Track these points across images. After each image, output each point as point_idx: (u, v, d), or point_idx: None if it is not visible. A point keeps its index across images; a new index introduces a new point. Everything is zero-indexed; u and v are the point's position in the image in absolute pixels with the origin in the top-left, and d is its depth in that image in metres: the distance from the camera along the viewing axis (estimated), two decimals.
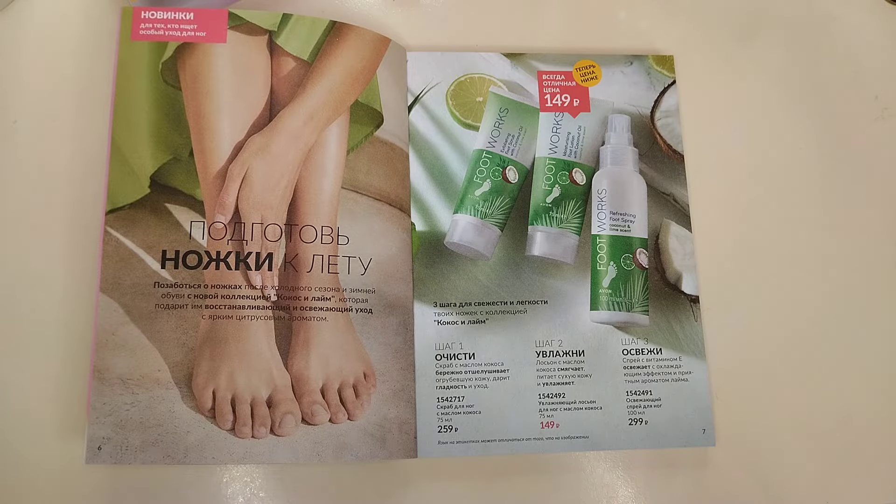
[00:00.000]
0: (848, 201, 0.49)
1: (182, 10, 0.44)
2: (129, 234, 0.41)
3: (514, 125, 0.47)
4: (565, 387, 0.44)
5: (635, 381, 0.44)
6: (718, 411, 0.44)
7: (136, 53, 0.43)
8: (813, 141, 0.49)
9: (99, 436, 0.38)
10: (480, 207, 0.46)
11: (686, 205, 0.47)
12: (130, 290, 0.40)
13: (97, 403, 0.38)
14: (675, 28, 0.51)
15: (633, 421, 0.43)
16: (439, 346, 0.44)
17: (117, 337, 0.40)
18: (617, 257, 0.45)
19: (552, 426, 0.43)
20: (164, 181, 0.42)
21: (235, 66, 0.43)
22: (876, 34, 0.52)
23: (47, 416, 0.41)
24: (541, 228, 0.46)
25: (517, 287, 0.45)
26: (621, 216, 0.46)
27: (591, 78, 0.48)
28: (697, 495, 0.43)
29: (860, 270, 0.48)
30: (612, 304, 0.45)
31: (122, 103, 0.42)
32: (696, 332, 0.45)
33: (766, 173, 0.49)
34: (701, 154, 0.48)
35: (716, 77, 0.50)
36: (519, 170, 0.47)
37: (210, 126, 0.42)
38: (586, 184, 0.47)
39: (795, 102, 0.50)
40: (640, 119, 0.48)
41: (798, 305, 0.47)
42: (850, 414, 0.45)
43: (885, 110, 0.50)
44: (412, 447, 0.41)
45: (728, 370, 0.45)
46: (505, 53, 0.49)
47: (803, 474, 0.44)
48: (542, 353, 0.44)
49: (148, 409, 0.39)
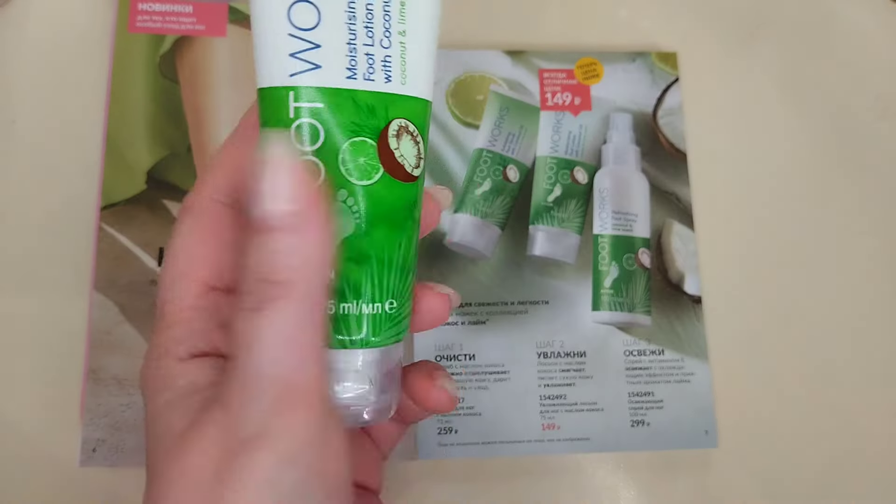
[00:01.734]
0: (850, 200, 0.49)
1: (181, 3, 0.43)
2: (124, 230, 0.40)
3: (514, 124, 0.47)
4: (567, 388, 0.43)
5: (637, 383, 0.44)
6: (721, 413, 0.44)
7: (133, 46, 0.43)
8: (815, 139, 0.49)
9: (93, 438, 0.37)
10: (481, 207, 0.45)
11: (689, 204, 0.47)
12: (126, 289, 0.40)
13: (91, 405, 0.38)
14: (678, 25, 0.51)
15: (635, 422, 0.43)
16: (439, 346, 0.43)
17: (112, 336, 0.39)
18: (619, 257, 0.45)
19: (553, 428, 0.42)
20: (161, 177, 0.41)
21: (235, 61, 0.43)
22: (878, 33, 0.52)
23: (40, 418, 0.40)
24: (542, 228, 0.45)
25: (518, 287, 0.44)
26: (623, 215, 0.45)
27: (593, 76, 0.48)
28: (700, 497, 0.43)
29: (862, 270, 0.48)
30: (613, 305, 0.44)
31: (117, 96, 0.42)
32: (698, 332, 0.45)
33: (768, 172, 0.49)
34: (704, 152, 0.48)
35: (719, 75, 0.50)
36: (520, 169, 0.46)
37: (208, 121, 0.42)
38: (588, 183, 0.46)
39: (798, 101, 0.50)
40: (642, 117, 0.48)
41: (801, 306, 0.47)
42: (853, 415, 0.45)
43: (887, 110, 0.50)
44: (412, 449, 0.41)
45: (731, 371, 0.45)
46: (505, 51, 0.48)
47: (806, 476, 0.44)
48: (543, 354, 0.44)
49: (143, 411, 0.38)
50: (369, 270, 0.23)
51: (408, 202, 0.23)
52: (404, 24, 0.23)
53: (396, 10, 0.23)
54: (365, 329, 0.23)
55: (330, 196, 0.22)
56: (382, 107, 0.22)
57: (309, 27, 0.22)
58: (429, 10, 0.24)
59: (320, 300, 0.20)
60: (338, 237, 0.22)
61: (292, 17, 0.22)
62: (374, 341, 0.23)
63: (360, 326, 0.23)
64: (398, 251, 0.23)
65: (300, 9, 0.22)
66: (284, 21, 0.22)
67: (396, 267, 0.23)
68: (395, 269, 0.23)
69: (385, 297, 0.23)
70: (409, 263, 0.24)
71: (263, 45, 0.22)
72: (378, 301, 0.23)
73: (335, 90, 0.22)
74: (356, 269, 0.22)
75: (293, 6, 0.22)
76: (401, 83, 0.23)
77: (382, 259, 0.23)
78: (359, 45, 0.22)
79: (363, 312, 0.23)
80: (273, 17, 0.22)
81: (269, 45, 0.22)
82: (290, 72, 0.22)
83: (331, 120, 0.22)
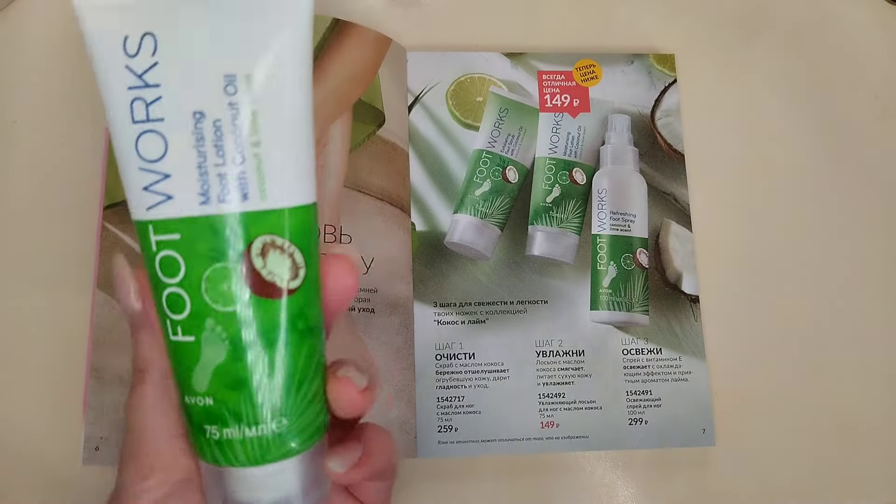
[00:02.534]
0: (848, 201, 0.49)
1: None
2: (127, 229, 0.41)
3: (514, 125, 0.47)
4: (565, 387, 0.43)
5: (635, 381, 0.44)
6: (718, 411, 0.44)
7: None
8: (813, 140, 0.50)
9: (96, 436, 0.38)
10: (480, 207, 0.45)
11: (686, 204, 0.47)
12: None
13: (94, 403, 0.38)
14: (676, 27, 0.51)
15: (633, 421, 0.43)
16: (439, 345, 0.43)
17: (115, 335, 0.39)
18: (617, 257, 0.45)
19: (552, 426, 0.43)
20: None
21: None
22: (876, 34, 0.52)
23: (42, 416, 0.40)
24: (541, 228, 0.46)
25: (517, 287, 0.45)
26: (622, 216, 0.46)
27: (592, 77, 0.49)
28: (697, 495, 0.43)
29: (860, 270, 0.48)
30: (612, 304, 0.45)
31: None
32: (696, 331, 0.45)
33: (766, 173, 0.49)
34: (702, 153, 0.48)
35: (717, 76, 0.50)
36: (519, 170, 0.47)
37: None
38: (586, 183, 0.47)
39: (796, 102, 0.50)
40: (640, 118, 0.48)
41: (798, 305, 0.47)
42: (851, 413, 0.45)
43: (885, 110, 0.51)
44: (412, 447, 0.41)
45: (728, 370, 0.45)
46: (505, 53, 0.49)
47: (803, 474, 0.44)
48: (542, 353, 0.44)
49: None
50: (247, 394, 0.22)
51: (289, 315, 0.22)
52: (257, 134, 0.21)
53: (247, 123, 0.21)
54: (253, 451, 0.22)
55: (197, 325, 0.22)
56: (242, 227, 0.21)
57: (156, 158, 0.21)
58: (290, 115, 0.22)
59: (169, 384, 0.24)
60: (210, 365, 0.22)
61: (140, 149, 0.21)
62: (269, 458, 0.22)
63: (246, 449, 0.22)
64: (280, 369, 0.22)
65: (146, 140, 0.21)
66: (133, 155, 0.21)
67: (281, 385, 0.22)
68: (280, 387, 0.22)
69: (273, 417, 0.22)
70: (301, 375, 0.23)
71: (123, 179, 0.22)
72: (262, 423, 0.22)
73: (190, 219, 0.21)
74: (233, 394, 0.22)
75: (139, 138, 0.21)
76: (260, 199, 0.21)
77: (261, 381, 0.22)
78: (210, 168, 0.21)
79: (247, 436, 0.22)
80: (123, 151, 0.21)
81: (126, 179, 0.21)
82: (147, 205, 0.21)
83: (189, 250, 0.21)
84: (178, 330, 0.22)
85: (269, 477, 0.23)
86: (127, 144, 0.21)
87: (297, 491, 0.23)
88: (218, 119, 0.21)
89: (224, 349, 0.22)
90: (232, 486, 0.23)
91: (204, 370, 0.22)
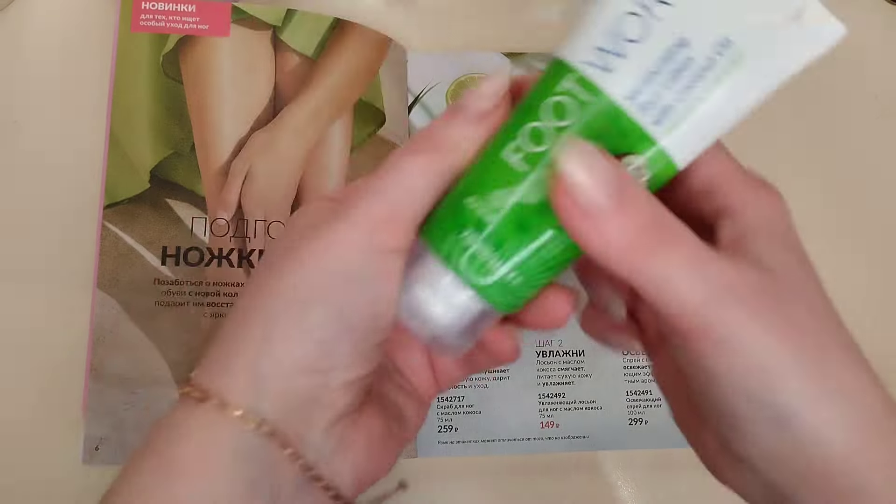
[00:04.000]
0: (848, 201, 0.49)
1: (184, 2, 0.43)
2: (127, 229, 0.40)
3: None
4: (565, 387, 0.43)
5: (635, 381, 0.44)
6: None
7: (136, 45, 0.43)
8: (813, 140, 0.50)
9: (96, 436, 0.37)
10: None
11: None
12: (129, 287, 0.40)
13: (94, 403, 0.38)
14: None
15: (634, 421, 0.43)
16: None
17: (115, 335, 0.39)
18: None
19: (552, 426, 0.43)
20: (165, 176, 0.42)
21: (239, 61, 0.43)
22: (876, 34, 0.52)
23: (43, 416, 0.40)
24: None
25: None
26: None
27: None
28: (697, 495, 0.43)
29: (860, 270, 0.48)
30: None
31: (120, 96, 0.42)
32: None
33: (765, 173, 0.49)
34: None
35: None
36: None
37: (212, 120, 0.42)
38: None
39: (795, 101, 0.50)
40: None
41: None
42: None
43: (885, 110, 0.51)
44: (412, 447, 0.41)
45: None
46: (505, 53, 0.49)
47: None
48: (542, 353, 0.44)
49: (146, 409, 0.38)
50: (519, 240, 0.23)
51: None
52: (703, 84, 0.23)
53: (712, 74, 0.23)
54: (475, 274, 0.23)
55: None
56: (636, 136, 0.23)
57: (630, 38, 0.23)
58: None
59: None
60: (515, 198, 0.23)
61: (621, 25, 0.23)
62: (479, 289, 0.24)
63: (472, 268, 0.23)
64: (550, 249, 0.23)
65: (630, 21, 0.23)
66: (613, 22, 0.23)
67: (541, 259, 0.23)
68: (539, 259, 0.23)
69: (513, 269, 0.23)
70: (555, 262, 0.24)
71: (590, 24, 0.24)
72: (503, 268, 0.23)
73: (608, 98, 0.22)
74: (510, 230, 0.23)
75: (625, 17, 0.23)
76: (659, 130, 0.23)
77: (537, 242, 0.23)
78: (656, 83, 0.22)
79: (488, 264, 0.23)
80: (608, 12, 0.23)
81: (595, 24, 0.23)
82: (586, 59, 0.23)
83: (587, 112, 0.23)
84: (519, 157, 0.23)
85: (460, 300, 0.24)
86: (615, 10, 0.23)
87: (458, 326, 0.24)
88: (691, 57, 0.22)
89: (536, 197, 0.23)
90: (427, 280, 0.24)
91: (506, 197, 0.23)
